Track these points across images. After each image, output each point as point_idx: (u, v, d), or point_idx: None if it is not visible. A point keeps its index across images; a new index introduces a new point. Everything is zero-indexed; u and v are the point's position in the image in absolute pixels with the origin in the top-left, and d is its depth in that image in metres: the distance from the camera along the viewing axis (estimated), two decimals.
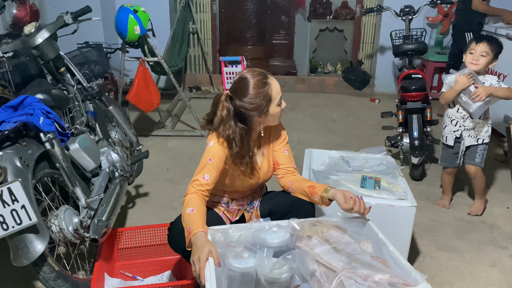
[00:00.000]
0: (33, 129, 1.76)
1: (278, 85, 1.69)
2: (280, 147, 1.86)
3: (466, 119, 2.60)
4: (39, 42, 2.25)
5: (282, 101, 1.72)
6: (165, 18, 5.32)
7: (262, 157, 1.83)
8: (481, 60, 2.48)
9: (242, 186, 1.80)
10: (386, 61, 5.47)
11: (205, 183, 1.66)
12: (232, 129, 1.66)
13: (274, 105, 1.68)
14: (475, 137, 2.61)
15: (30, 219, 1.54)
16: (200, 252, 1.44)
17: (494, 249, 2.35)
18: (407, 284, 1.35)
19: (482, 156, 2.65)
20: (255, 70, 1.68)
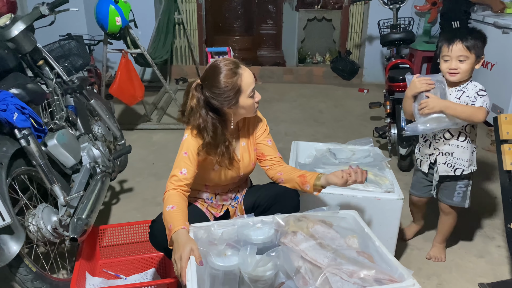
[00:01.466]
0: (6, 125, 1.70)
1: (251, 76, 1.63)
2: (262, 139, 1.82)
3: (439, 139, 1.99)
4: (14, 34, 2.16)
5: (256, 93, 1.67)
6: (149, 9, 5.22)
7: (242, 149, 1.79)
8: (460, 66, 1.87)
9: (223, 180, 1.77)
10: (375, 51, 5.43)
11: (184, 178, 1.62)
12: (203, 118, 1.62)
13: (244, 96, 1.62)
14: (452, 166, 1.99)
15: (4, 219, 1.48)
16: (181, 251, 1.40)
17: (481, 239, 2.35)
18: (393, 280, 1.32)
19: (464, 194, 2.05)
20: (227, 59, 1.62)
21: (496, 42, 3.75)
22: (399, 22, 3.87)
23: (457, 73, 1.88)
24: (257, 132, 1.82)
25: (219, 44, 5.52)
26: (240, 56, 5.68)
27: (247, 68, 1.64)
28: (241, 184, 1.89)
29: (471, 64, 1.88)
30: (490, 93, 1.93)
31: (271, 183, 1.89)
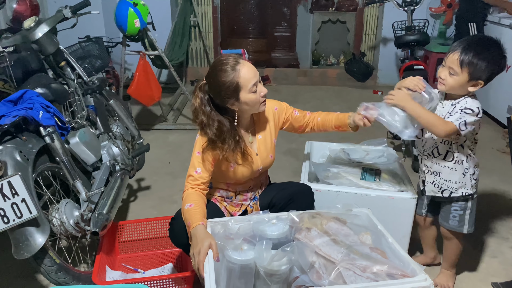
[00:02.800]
0: (32, 123, 1.77)
1: (251, 71, 1.62)
2: (289, 118, 1.91)
3: (428, 156, 1.83)
4: (38, 37, 2.24)
5: (261, 87, 1.66)
6: (166, 11, 5.31)
7: (259, 142, 1.82)
8: (447, 79, 1.67)
9: (242, 176, 1.79)
10: (389, 53, 5.43)
11: (199, 177, 1.67)
12: (207, 116, 1.66)
13: (245, 92, 1.62)
14: (439, 187, 1.83)
15: (31, 212, 1.55)
16: (200, 246, 1.45)
17: (495, 240, 2.35)
18: (405, 275, 1.35)
19: (461, 218, 1.85)
20: (226, 56, 1.64)
21: None
22: (414, 24, 3.88)
23: (443, 83, 1.70)
24: (280, 121, 1.87)
25: (234, 46, 5.58)
26: (255, 58, 5.73)
27: (247, 62, 1.64)
28: (261, 181, 1.92)
29: (459, 82, 1.64)
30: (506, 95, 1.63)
31: (286, 182, 1.93)
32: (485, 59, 1.61)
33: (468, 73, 1.63)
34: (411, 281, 1.31)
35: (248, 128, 1.80)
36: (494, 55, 1.63)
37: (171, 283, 1.81)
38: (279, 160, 3.20)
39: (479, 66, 1.62)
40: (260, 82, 1.67)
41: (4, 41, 2.20)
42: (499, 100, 3.93)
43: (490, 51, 1.63)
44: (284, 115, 1.89)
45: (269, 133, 1.84)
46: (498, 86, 3.95)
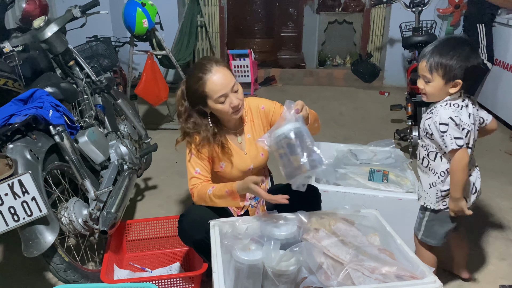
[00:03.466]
0: (42, 122, 1.78)
1: (221, 82, 1.62)
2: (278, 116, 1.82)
3: (418, 158, 1.78)
4: (48, 36, 2.26)
5: (232, 98, 1.64)
6: (173, 11, 5.32)
7: (248, 141, 1.83)
8: (425, 88, 1.63)
9: (234, 176, 1.80)
10: (396, 54, 5.42)
11: (200, 175, 1.72)
12: (184, 107, 1.73)
13: (212, 101, 1.65)
14: (418, 190, 1.85)
15: (41, 210, 1.56)
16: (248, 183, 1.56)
17: (503, 242, 2.33)
18: (414, 277, 1.35)
19: (419, 222, 1.81)
20: (206, 60, 1.66)
21: None
22: (421, 24, 3.87)
23: (424, 94, 1.66)
24: (268, 119, 1.84)
25: (240, 46, 5.58)
26: (261, 58, 5.74)
27: (222, 71, 1.63)
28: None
29: (436, 87, 1.60)
30: None
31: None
32: (452, 58, 1.56)
33: (440, 76, 1.59)
34: (421, 282, 1.31)
35: (236, 128, 1.82)
36: (460, 52, 1.57)
37: (178, 282, 1.81)
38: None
39: (448, 66, 1.57)
40: (234, 92, 1.66)
41: (13, 40, 2.21)
42: (507, 102, 3.90)
43: (456, 49, 1.58)
44: (272, 114, 1.85)
45: (258, 132, 1.84)
46: (506, 88, 3.93)
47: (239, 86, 1.70)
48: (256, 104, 1.84)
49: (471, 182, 1.73)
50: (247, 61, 5.06)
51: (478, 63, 1.60)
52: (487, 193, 2.86)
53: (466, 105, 1.65)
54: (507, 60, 3.92)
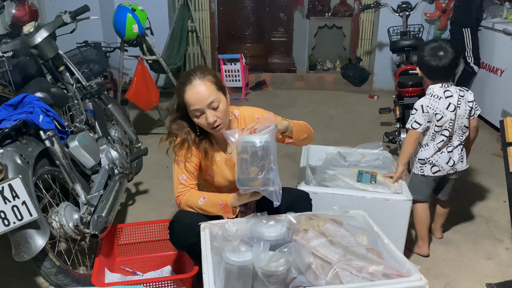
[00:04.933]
0: (33, 127, 1.79)
1: (195, 97, 1.60)
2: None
3: None
4: (38, 42, 2.27)
5: (208, 115, 1.61)
6: (163, 17, 5.34)
7: None
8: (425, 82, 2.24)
9: (224, 184, 1.80)
10: (385, 58, 5.48)
11: (186, 182, 1.73)
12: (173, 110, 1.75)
13: (190, 112, 1.65)
14: None
15: (31, 215, 1.56)
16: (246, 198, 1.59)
17: (490, 242, 2.38)
18: (400, 275, 1.37)
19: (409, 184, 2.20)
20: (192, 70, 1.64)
21: (505, 48, 3.79)
22: (409, 29, 3.93)
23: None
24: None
25: (231, 51, 5.62)
26: (252, 63, 5.77)
27: (203, 85, 1.60)
28: None
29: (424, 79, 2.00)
30: (500, 99, 1.94)
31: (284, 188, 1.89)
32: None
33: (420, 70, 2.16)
34: (406, 280, 1.33)
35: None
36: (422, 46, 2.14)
37: (170, 285, 1.82)
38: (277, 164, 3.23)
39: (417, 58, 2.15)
40: (212, 109, 1.62)
41: (3, 46, 2.22)
42: (494, 104, 3.97)
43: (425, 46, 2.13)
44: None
45: None
46: (492, 91, 4.00)
47: (223, 103, 1.64)
48: (250, 114, 1.82)
49: (449, 156, 2.15)
50: (238, 66, 5.09)
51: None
52: (475, 194, 2.91)
53: (450, 95, 2.08)
54: (493, 63, 3.99)
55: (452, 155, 2.14)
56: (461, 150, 2.17)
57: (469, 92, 2.14)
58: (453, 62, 2.06)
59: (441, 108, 2.06)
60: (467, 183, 3.03)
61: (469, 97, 2.12)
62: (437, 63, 2.05)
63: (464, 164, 2.20)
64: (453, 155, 2.14)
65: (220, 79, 1.69)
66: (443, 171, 2.16)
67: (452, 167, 2.15)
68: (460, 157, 2.16)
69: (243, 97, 5.20)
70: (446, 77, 2.11)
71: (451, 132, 2.11)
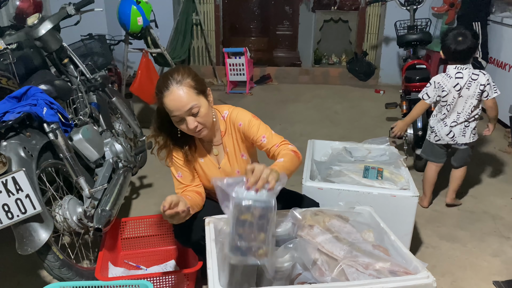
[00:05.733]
0: (36, 119, 1.78)
1: (173, 104, 1.51)
2: (256, 140, 1.66)
3: None
4: (42, 34, 2.25)
5: (189, 121, 1.54)
6: (168, 10, 5.31)
7: (227, 156, 1.74)
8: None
9: (208, 186, 1.76)
10: (391, 52, 5.44)
11: (182, 180, 1.71)
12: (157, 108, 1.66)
13: (172, 118, 1.56)
14: None
15: (34, 208, 1.56)
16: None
17: (496, 239, 2.35)
18: (407, 272, 1.35)
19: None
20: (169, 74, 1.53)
21: None
22: (416, 23, 3.88)
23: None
24: (245, 137, 1.69)
25: (235, 44, 5.58)
26: (256, 56, 5.74)
27: (180, 90, 1.50)
28: None
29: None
30: (508, 94, 1.92)
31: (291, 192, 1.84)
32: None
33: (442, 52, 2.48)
34: (414, 278, 1.31)
35: (211, 139, 1.72)
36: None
37: (173, 280, 1.81)
38: None
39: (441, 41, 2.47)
40: (192, 115, 1.53)
41: (7, 38, 2.21)
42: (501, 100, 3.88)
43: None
44: (247, 133, 1.67)
45: (237, 148, 1.73)
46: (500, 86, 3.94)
47: (204, 107, 1.55)
48: (234, 119, 1.68)
49: (450, 129, 2.46)
50: (242, 60, 5.06)
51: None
52: (481, 190, 2.88)
53: (460, 77, 2.38)
54: (501, 58, 3.94)
55: (453, 129, 2.45)
56: (465, 126, 2.44)
57: (485, 75, 2.38)
58: (470, 48, 2.35)
59: (449, 86, 2.39)
60: (473, 179, 3.00)
61: (482, 80, 2.36)
62: (455, 47, 2.35)
63: (467, 138, 2.46)
64: (455, 129, 2.45)
65: (201, 80, 1.57)
66: (442, 141, 2.51)
67: (452, 139, 2.48)
68: (462, 132, 2.45)
69: (248, 91, 5.18)
70: (462, 60, 2.39)
71: (455, 108, 2.42)
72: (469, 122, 2.44)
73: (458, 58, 2.39)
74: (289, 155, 1.56)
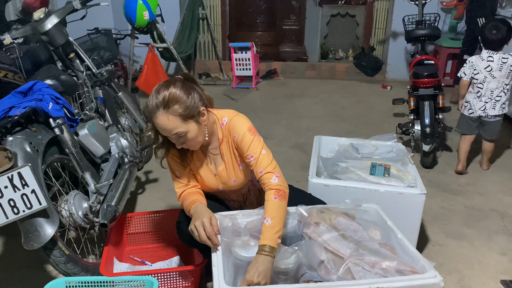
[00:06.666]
0: (42, 114, 1.77)
1: (162, 128, 1.51)
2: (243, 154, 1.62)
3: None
4: (48, 28, 2.24)
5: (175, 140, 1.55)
6: (174, 4, 5.29)
7: (223, 163, 1.71)
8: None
9: (206, 190, 1.76)
10: (399, 47, 5.38)
11: (181, 180, 1.72)
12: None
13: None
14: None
15: (40, 203, 1.55)
16: (201, 218, 1.48)
17: (504, 237, 2.33)
18: (414, 272, 1.34)
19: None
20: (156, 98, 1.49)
21: None
22: (425, 18, 3.83)
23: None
24: (239, 149, 1.65)
25: (242, 39, 5.55)
26: (263, 51, 5.71)
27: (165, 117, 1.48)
28: (243, 196, 1.85)
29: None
30: None
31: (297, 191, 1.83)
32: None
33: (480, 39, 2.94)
34: (421, 277, 1.30)
35: (207, 146, 1.70)
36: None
37: (178, 276, 1.81)
38: (287, 154, 3.19)
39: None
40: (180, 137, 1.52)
41: (14, 32, 2.20)
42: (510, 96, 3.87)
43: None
44: (240, 148, 1.63)
45: (233, 157, 1.69)
46: None
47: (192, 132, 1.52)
48: (231, 129, 1.64)
49: (484, 104, 2.87)
50: (248, 54, 5.03)
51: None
52: (490, 188, 2.85)
53: (491, 60, 2.80)
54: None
55: (486, 104, 2.86)
56: (496, 101, 2.84)
57: None
58: (501, 39, 2.79)
59: (481, 67, 2.82)
60: (481, 176, 2.97)
61: (511, 62, 2.79)
62: (490, 37, 2.79)
63: (497, 110, 2.86)
64: (487, 104, 2.85)
65: (190, 103, 1.50)
66: (475, 114, 2.90)
67: (483, 111, 2.87)
68: (492, 106, 2.85)
69: (254, 86, 5.16)
70: (495, 47, 2.81)
71: (489, 86, 2.83)
72: (500, 97, 2.84)
73: (490, 46, 2.82)
74: (273, 205, 1.50)
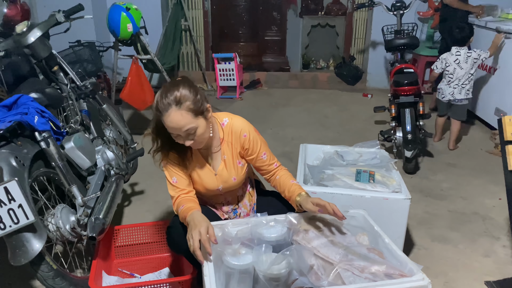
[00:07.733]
0: (28, 128, 1.76)
1: (171, 126, 1.53)
2: (255, 156, 1.74)
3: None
4: (31, 41, 2.23)
5: (183, 138, 1.57)
6: (157, 16, 5.30)
7: (223, 162, 1.75)
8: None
9: (203, 192, 1.78)
10: (378, 56, 5.50)
11: (178, 184, 1.70)
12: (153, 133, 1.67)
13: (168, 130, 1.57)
14: None
15: (27, 218, 1.54)
16: (198, 227, 1.46)
17: (487, 240, 2.39)
18: (403, 275, 1.37)
19: None
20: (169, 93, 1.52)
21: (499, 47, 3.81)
22: (403, 27, 3.93)
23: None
24: (245, 148, 1.72)
25: (225, 50, 5.59)
26: (246, 62, 5.75)
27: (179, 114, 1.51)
28: (237, 197, 1.87)
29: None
30: (493, 97, 1.94)
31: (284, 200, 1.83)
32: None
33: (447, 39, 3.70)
34: (409, 280, 1.33)
35: (209, 146, 1.72)
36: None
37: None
38: None
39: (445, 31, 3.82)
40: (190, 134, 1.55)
41: None
42: (487, 102, 4.00)
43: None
44: (250, 146, 1.72)
45: (235, 155, 1.74)
46: (485, 89, 4.03)
47: (201, 127, 1.56)
48: (239, 130, 1.70)
49: (452, 89, 3.51)
50: (232, 65, 5.07)
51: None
52: (470, 191, 2.92)
53: (458, 54, 3.46)
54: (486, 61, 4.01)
55: (454, 90, 3.49)
56: (462, 87, 3.47)
57: (476, 52, 3.46)
58: (464, 37, 3.46)
59: (450, 60, 3.48)
60: (462, 180, 3.05)
61: (474, 55, 3.44)
62: (456, 35, 3.47)
63: (463, 95, 3.49)
64: (455, 90, 3.49)
65: (199, 100, 1.55)
66: (446, 98, 3.54)
67: (452, 96, 3.50)
68: (459, 91, 3.48)
69: (238, 96, 5.19)
70: (461, 44, 3.47)
71: (457, 76, 3.46)
72: (465, 84, 3.46)
73: (458, 43, 3.47)
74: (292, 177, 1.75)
